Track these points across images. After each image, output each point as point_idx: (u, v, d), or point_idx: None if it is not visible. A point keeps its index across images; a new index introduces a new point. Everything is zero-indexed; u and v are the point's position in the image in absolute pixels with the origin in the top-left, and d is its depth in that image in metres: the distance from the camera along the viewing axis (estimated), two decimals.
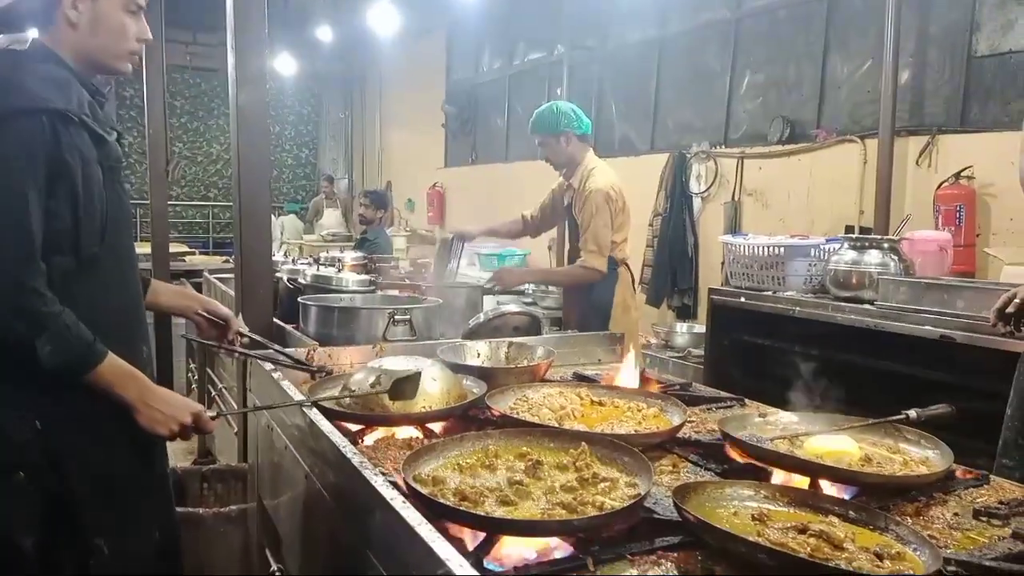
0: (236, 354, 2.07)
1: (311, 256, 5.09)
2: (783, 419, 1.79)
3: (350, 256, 4.33)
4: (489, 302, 3.38)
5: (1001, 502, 1.43)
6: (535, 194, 7.41)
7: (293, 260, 4.06)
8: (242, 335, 2.08)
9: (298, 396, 1.73)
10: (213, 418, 1.61)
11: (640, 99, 6.34)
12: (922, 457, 1.59)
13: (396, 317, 2.50)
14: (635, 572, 1.15)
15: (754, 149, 5.29)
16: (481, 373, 2.12)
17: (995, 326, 2.04)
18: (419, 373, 1.71)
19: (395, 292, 3.43)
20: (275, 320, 2.80)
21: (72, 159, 1.48)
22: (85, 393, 1.53)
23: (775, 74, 5.24)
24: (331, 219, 9.79)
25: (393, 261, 4.91)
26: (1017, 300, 1.97)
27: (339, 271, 3.24)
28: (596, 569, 1.15)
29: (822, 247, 3.47)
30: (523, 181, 7.87)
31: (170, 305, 2.00)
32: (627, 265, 3.78)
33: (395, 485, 1.27)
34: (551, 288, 5.84)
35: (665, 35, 6.11)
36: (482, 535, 1.20)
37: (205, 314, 1.99)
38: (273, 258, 3.35)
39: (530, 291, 5.59)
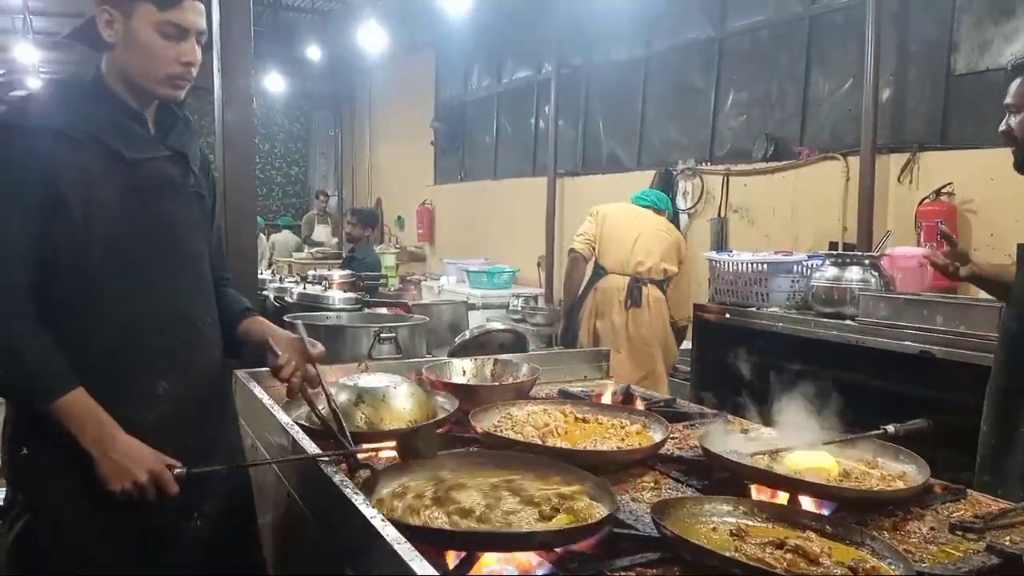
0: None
1: (299, 274, 5.10)
2: (764, 434, 1.81)
3: (337, 274, 4.35)
4: (474, 319, 3.40)
5: (977, 516, 1.44)
6: (524, 210, 7.50)
7: (281, 279, 4.06)
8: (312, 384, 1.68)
9: (283, 417, 1.72)
10: (183, 477, 1.44)
11: (626, 116, 6.41)
12: (899, 472, 1.60)
13: (382, 335, 2.51)
14: None
15: (739, 166, 5.35)
16: (465, 391, 2.13)
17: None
18: (430, 425, 1.62)
19: (383, 310, 3.45)
20: None
21: (68, 178, 1.41)
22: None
23: (758, 92, 5.31)
24: (321, 235, 9.80)
25: (382, 279, 4.91)
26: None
27: (326, 289, 3.25)
28: None
29: (804, 263, 3.51)
30: (512, 198, 7.93)
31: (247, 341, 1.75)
32: None
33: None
34: (540, 304, 5.86)
35: (650, 53, 6.19)
36: (461, 556, 1.21)
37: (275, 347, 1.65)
38: (260, 276, 3.36)
39: (519, 307, 5.61)
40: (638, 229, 4.05)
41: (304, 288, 3.23)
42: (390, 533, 1.10)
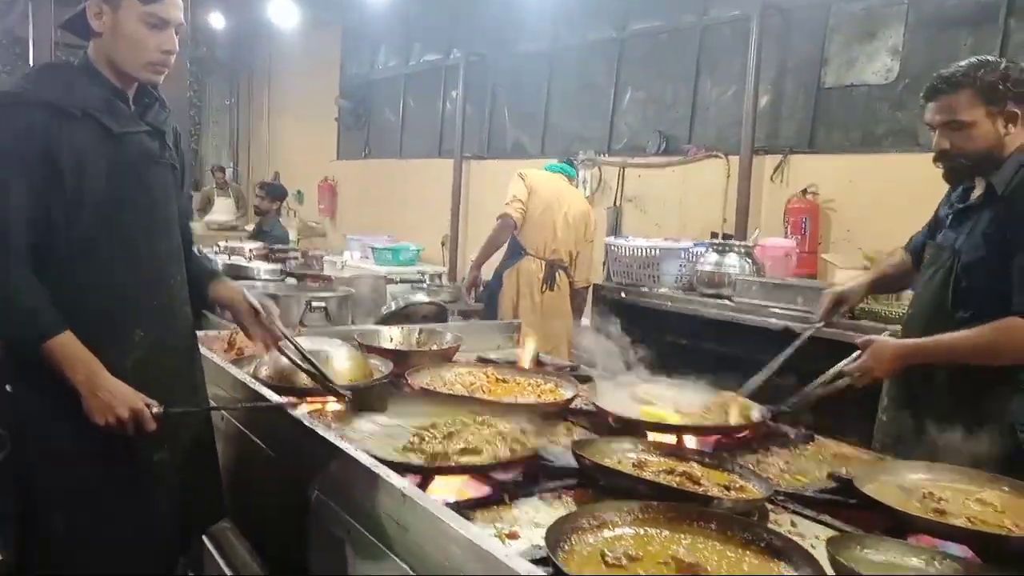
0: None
1: (202, 245, 5.08)
2: (653, 390, 2.14)
3: (249, 246, 4.42)
4: (393, 291, 3.61)
5: (821, 453, 1.84)
6: (429, 190, 7.68)
7: (199, 249, 4.11)
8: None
9: (241, 375, 1.90)
10: (160, 416, 1.61)
11: (532, 106, 6.70)
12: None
13: (313, 304, 2.69)
14: (543, 504, 1.45)
15: (634, 159, 5.76)
16: (397, 355, 2.37)
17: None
18: (382, 384, 1.85)
19: (293, 280, 3.60)
20: None
21: (64, 149, 1.56)
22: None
23: (654, 92, 5.73)
24: (223, 208, 9.52)
25: (292, 252, 5.00)
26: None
27: (249, 260, 3.37)
28: (511, 503, 1.44)
29: (691, 250, 3.93)
30: (417, 177, 8.08)
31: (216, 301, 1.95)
32: None
33: None
34: (444, 282, 6.11)
35: (555, 48, 6.50)
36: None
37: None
38: None
39: (426, 284, 5.81)
40: (561, 211, 4.22)
41: (229, 259, 3.33)
42: (366, 459, 1.34)
